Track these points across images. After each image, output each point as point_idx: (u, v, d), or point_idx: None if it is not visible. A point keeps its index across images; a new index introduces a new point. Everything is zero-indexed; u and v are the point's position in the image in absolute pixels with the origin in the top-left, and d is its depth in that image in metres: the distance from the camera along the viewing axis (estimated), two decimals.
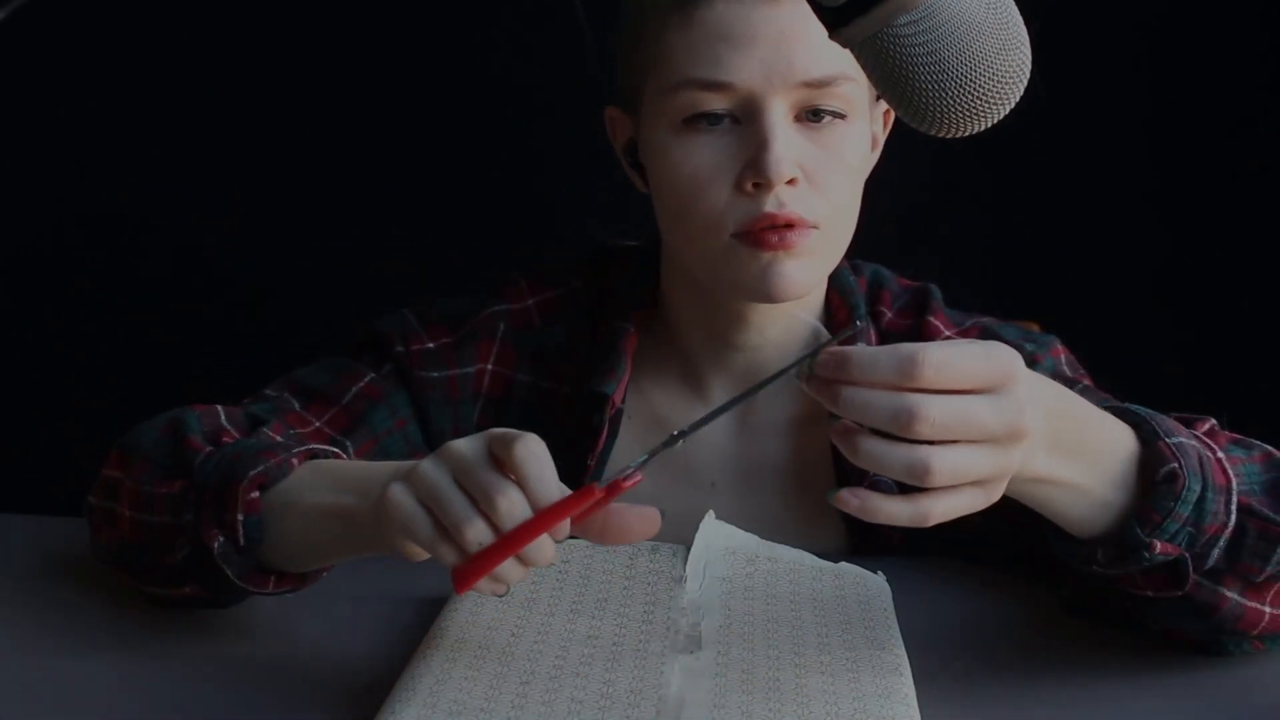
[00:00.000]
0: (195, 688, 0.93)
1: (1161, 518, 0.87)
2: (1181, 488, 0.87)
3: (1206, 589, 0.91)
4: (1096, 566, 0.89)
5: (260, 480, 0.95)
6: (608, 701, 0.83)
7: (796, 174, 1.05)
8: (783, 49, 1.04)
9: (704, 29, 1.05)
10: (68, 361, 1.86)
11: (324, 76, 1.79)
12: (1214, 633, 0.94)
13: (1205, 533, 0.89)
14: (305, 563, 0.96)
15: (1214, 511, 0.88)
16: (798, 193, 1.05)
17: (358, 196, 1.81)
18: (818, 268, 1.09)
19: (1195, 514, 0.88)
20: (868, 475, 1.12)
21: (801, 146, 1.06)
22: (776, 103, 1.04)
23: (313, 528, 0.93)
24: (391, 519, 0.83)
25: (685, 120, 1.06)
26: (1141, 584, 0.90)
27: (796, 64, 1.04)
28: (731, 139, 1.06)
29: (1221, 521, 0.89)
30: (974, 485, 0.81)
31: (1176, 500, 0.87)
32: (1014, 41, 0.79)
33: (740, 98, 1.05)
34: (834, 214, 1.07)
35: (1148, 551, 0.87)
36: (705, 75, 1.05)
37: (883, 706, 0.84)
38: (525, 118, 1.80)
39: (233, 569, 0.95)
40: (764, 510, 1.15)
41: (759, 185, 1.04)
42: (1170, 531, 0.87)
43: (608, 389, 1.14)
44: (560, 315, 1.20)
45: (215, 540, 0.94)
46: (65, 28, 1.74)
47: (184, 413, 1.05)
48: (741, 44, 1.04)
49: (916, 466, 0.79)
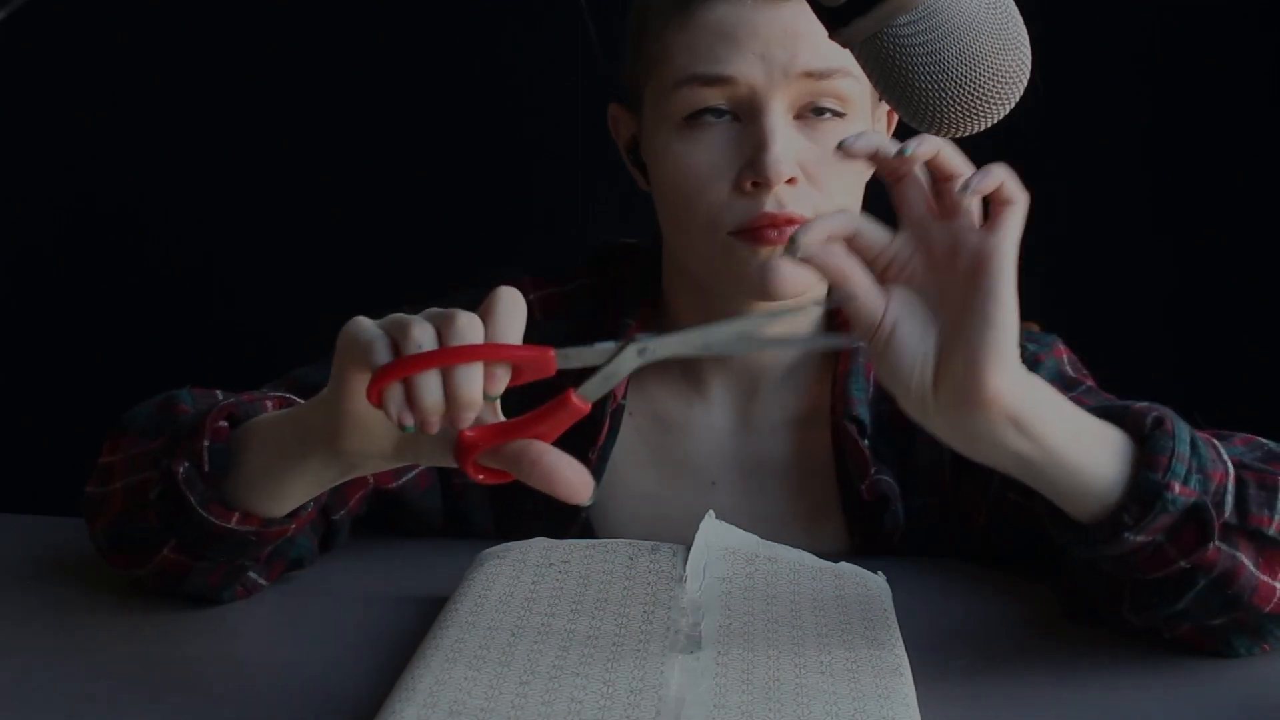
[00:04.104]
0: (195, 688, 0.93)
1: (1166, 458, 0.87)
2: (1172, 427, 0.89)
3: (1225, 554, 0.90)
4: (1127, 532, 0.88)
5: (230, 410, 0.97)
6: (608, 701, 0.83)
7: (796, 173, 1.05)
8: (785, 44, 1.04)
9: (705, 28, 1.05)
10: (68, 362, 1.86)
11: (323, 77, 1.79)
12: (1229, 613, 0.93)
13: (1212, 479, 0.89)
14: (266, 491, 0.94)
15: (1210, 459, 0.89)
16: (797, 192, 1.05)
17: (359, 197, 1.81)
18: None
19: (1195, 458, 0.88)
20: (868, 474, 1.13)
21: (802, 145, 1.06)
22: (777, 100, 1.05)
23: (268, 440, 0.94)
24: (346, 342, 0.82)
25: (686, 118, 1.06)
26: (1171, 553, 0.89)
27: (799, 57, 1.04)
28: (731, 137, 1.06)
29: (1221, 469, 0.90)
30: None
31: (1172, 439, 0.88)
32: (1014, 41, 0.79)
33: (741, 94, 1.05)
34: (833, 209, 1.07)
35: (1168, 492, 0.87)
36: (706, 71, 1.05)
37: (883, 707, 0.84)
38: (525, 116, 1.80)
39: (195, 495, 0.94)
40: (765, 509, 1.15)
41: (758, 185, 1.04)
42: (1180, 474, 0.88)
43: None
44: (563, 312, 1.20)
45: (180, 467, 0.95)
46: (65, 28, 1.74)
47: (178, 391, 1.06)
48: (742, 41, 1.04)
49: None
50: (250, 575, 1.04)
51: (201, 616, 1.02)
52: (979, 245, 0.84)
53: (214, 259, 1.85)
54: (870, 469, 1.13)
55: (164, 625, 1.00)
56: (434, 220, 1.81)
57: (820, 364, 1.18)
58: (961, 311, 0.84)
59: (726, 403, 1.18)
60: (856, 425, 1.13)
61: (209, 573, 1.01)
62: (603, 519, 1.17)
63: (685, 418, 1.18)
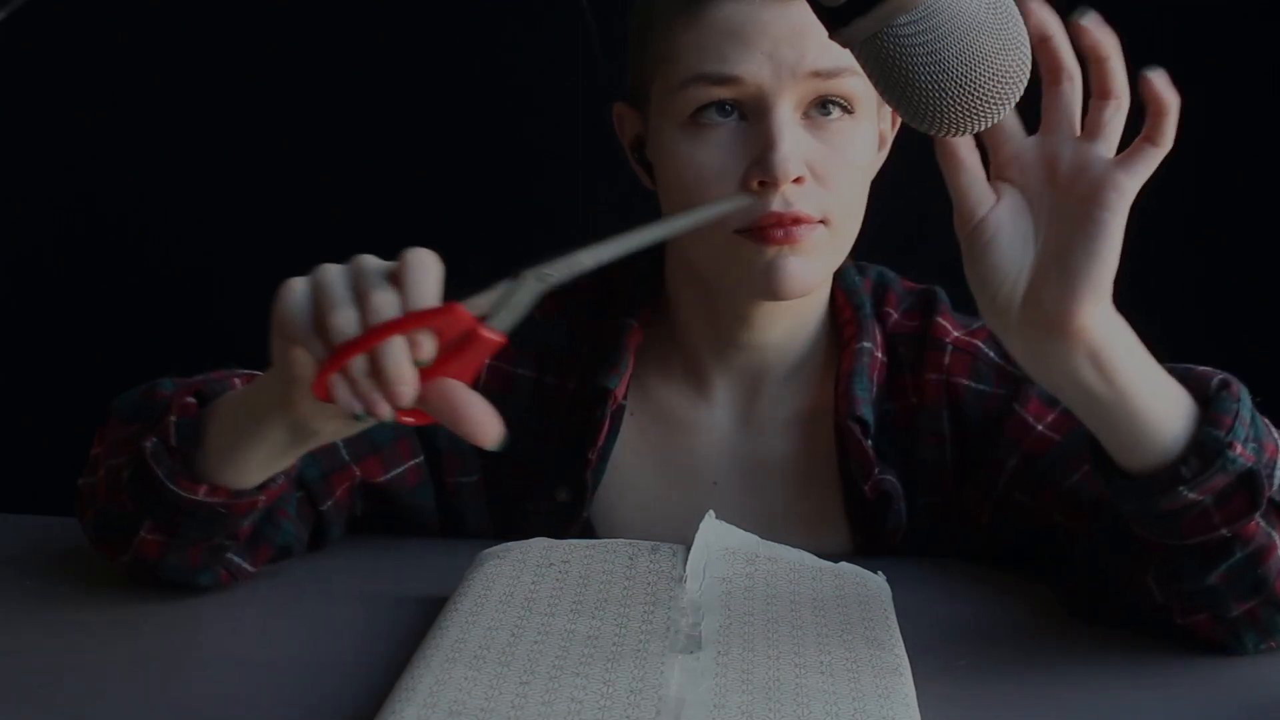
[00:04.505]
0: (194, 688, 0.93)
1: (1230, 419, 0.88)
2: (1237, 390, 0.90)
3: (1263, 530, 0.91)
4: (1183, 486, 0.89)
5: (198, 387, 1.01)
6: (608, 701, 0.83)
7: (803, 172, 1.05)
8: (793, 42, 1.04)
9: (712, 28, 1.05)
10: (68, 362, 1.86)
11: (323, 77, 1.79)
12: (1253, 597, 0.93)
13: (1265, 450, 0.90)
14: (231, 462, 0.96)
15: (1265, 431, 0.91)
16: (804, 190, 1.05)
17: (359, 197, 1.81)
18: (822, 266, 1.09)
19: (1254, 425, 0.90)
20: (872, 474, 1.13)
21: (809, 144, 1.06)
22: (784, 99, 1.04)
23: (229, 412, 0.97)
24: (279, 312, 0.84)
25: (692, 115, 1.06)
26: (1216, 519, 0.90)
27: (807, 56, 1.04)
28: (738, 136, 1.06)
29: (1273, 443, 0.91)
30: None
31: (1237, 402, 0.89)
32: (1014, 41, 0.79)
33: (748, 93, 1.05)
34: (841, 211, 1.07)
35: (1230, 451, 0.88)
36: (713, 70, 1.05)
37: (883, 707, 0.84)
38: (525, 116, 1.80)
39: (163, 469, 0.96)
40: (767, 509, 1.15)
41: (765, 184, 1.04)
42: (1241, 436, 0.88)
43: (609, 383, 1.14)
44: (564, 312, 1.20)
45: (149, 443, 0.97)
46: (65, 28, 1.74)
47: (162, 379, 1.08)
48: (750, 40, 1.04)
49: None
50: (231, 557, 1.04)
51: (202, 616, 1.02)
52: (1104, 175, 0.84)
53: (214, 259, 1.85)
54: (874, 469, 1.13)
55: (164, 625, 1.00)
56: (434, 220, 1.81)
57: (823, 362, 1.18)
58: (1070, 235, 0.85)
59: (729, 401, 1.18)
60: (860, 425, 1.13)
61: (186, 551, 1.02)
62: (604, 519, 1.17)
63: (688, 417, 1.18)
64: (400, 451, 1.16)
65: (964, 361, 1.14)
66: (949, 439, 1.14)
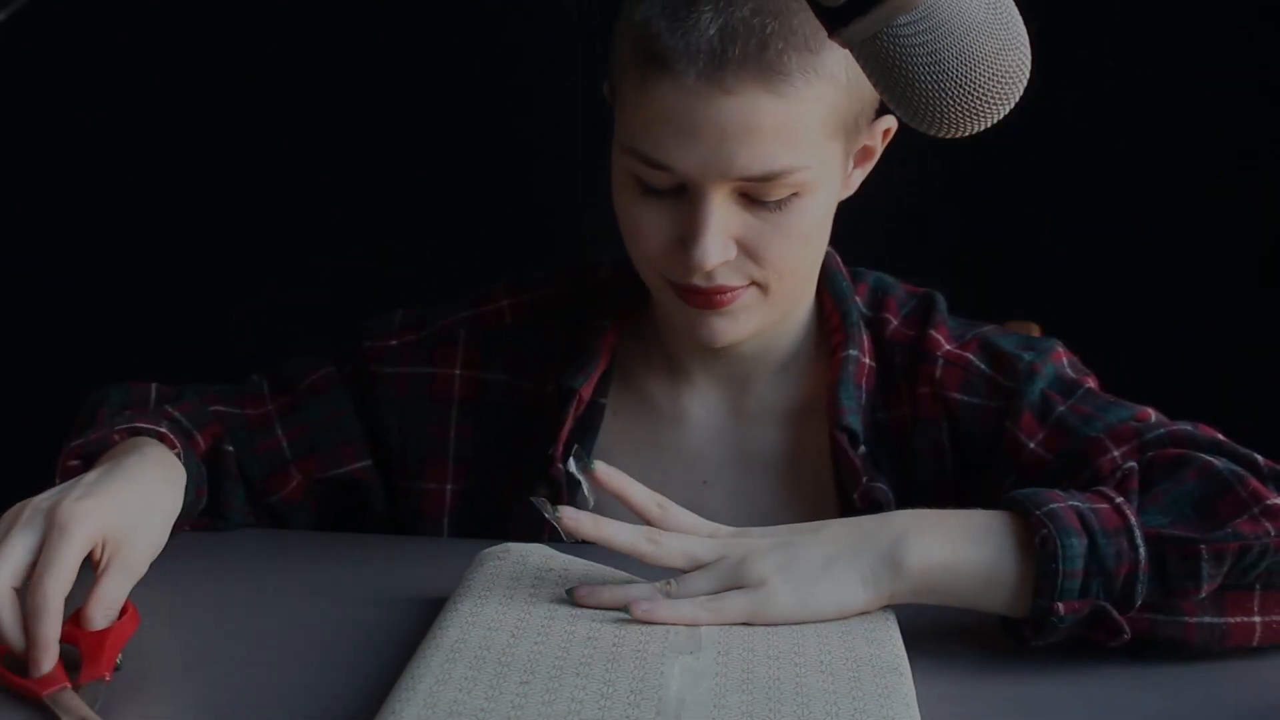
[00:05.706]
0: (194, 687, 0.93)
1: (1050, 581, 0.90)
2: (1054, 548, 0.90)
3: (1162, 621, 0.92)
4: (1032, 642, 0.92)
5: (80, 450, 1.08)
6: (608, 702, 0.83)
7: (728, 256, 1.05)
8: (724, 146, 1.01)
9: (650, 107, 1.03)
10: (68, 362, 1.86)
11: (323, 77, 1.79)
12: (1213, 654, 0.95)
13: (1117, 575, 0.90)
14: None
15: (1115, 554, 0.90)
16: (732, 265, 1.06)
17: (359, 197, 1.82)
18: (754, 321, 1.10)
19: (1094, 564, 0.90)
20: (860, 483, 1.12)
21: (743, 222, 1.05)
22: (715, 190, 1.03)
23: None
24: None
25: (633, 173, 1.06)
26: (1102, 635, 0.92)
27: (736, 162, 1.02)
28: (670, 208, 1.06)
29: (1130, 560, 0.91)
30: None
31: (1056, 560, 0.90)
32: (1014, 41, 0.79)
33: (679, 180, 1.04)
34: (776, 275, 1.07)
35: (1054, 616, 0.90)
36: (648, 154, 1.04)
37: (883, 706, 0.84)
38: (525, 116, 1.80)
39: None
40: (760, 503, 1.15)
41: (689, 266, 1.05)
42: (1073, 589, 0.90)
43: (575, 383, 1.15)
44: (538, 317, 1.21)
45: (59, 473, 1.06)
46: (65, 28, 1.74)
47: (118, 387, 1.17)
48: (682, 133, 1.02)
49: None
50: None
51: (202, 616, 1.02)
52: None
53: (213, 259, 1.85)
54: (862, 478, 1.12)
55: (164, 624, 1.00)
56: (434, 220, 1.81)
57: (813, 356, 1.18)
58: None
59: (717, 396, 1.18)
60: (848, 434, 1.13)
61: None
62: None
63: (675, 411, 1.18)
64: (341, 455, 1.19)
65: (955, 375, 1.14)
66: (949, 451, 1.14)
